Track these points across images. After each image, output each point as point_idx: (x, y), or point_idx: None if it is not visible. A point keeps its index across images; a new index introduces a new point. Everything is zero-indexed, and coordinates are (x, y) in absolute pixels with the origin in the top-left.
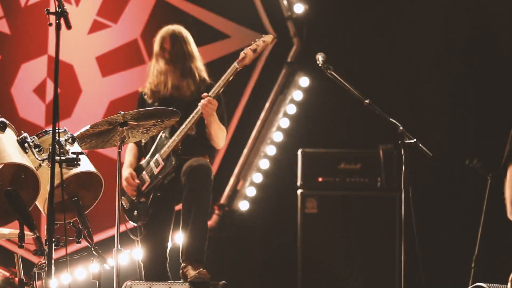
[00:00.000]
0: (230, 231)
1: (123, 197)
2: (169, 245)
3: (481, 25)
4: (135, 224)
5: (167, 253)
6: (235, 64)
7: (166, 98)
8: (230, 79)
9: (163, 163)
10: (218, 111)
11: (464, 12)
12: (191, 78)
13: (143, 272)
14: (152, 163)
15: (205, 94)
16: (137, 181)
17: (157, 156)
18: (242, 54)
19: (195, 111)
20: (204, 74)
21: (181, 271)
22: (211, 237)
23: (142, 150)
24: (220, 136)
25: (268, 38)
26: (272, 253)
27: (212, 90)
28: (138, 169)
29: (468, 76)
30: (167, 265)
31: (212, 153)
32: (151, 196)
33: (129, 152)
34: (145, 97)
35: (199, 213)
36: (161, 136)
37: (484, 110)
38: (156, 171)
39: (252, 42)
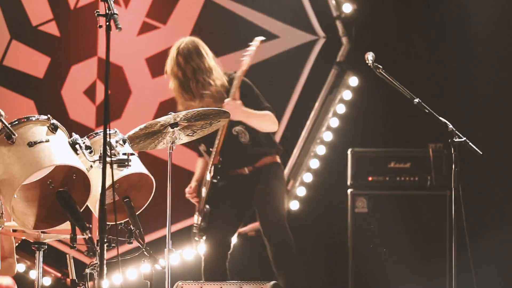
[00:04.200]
0: None
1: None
2: (233, 241)
3: None
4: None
5: (228, 253)
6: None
7: None
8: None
9: (209, 178)
10: (250, 96)
11: None
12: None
13: (202, 267)
14: (204, 182)
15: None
16: (191, 190)
17: (207, 173)
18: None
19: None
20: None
21: None
22: (259, 237)
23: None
24: (266, 123)
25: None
26: (323, 253)
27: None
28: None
29: None
30: (227, 264)
31: (272, 148)
32: (204, 212)
33: (197, 165)
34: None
35: (289, 264)
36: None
37: None
38: (215, 180)
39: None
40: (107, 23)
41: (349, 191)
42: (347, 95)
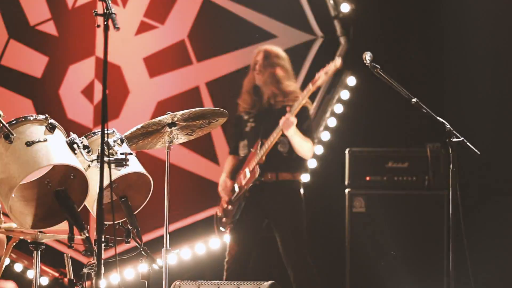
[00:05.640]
0: None
1: (217, 207)
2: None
3: None
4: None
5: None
6: (309, 86)
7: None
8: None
9: (249, 175)
10: (305, 121)
11: None
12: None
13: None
14: (241, 176)
15: (288, 108)
16: (230, 184)
17: (246, 169)
18: (316, 76)
19: (277, 128)
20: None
21: None
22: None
23: (239, 163)
24: (304, 149)
25: (338, 61)
26: (320, 252)
27: (294, 108)
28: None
29: None
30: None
31: (301, 168)
32: (238, 205)
33: (228, 163)
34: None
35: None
36: (249, 151)
37: None
38: (243, 182)
39: (326, 65)
40: (105, 23)
41: (346, 190)
42: (345, 94)
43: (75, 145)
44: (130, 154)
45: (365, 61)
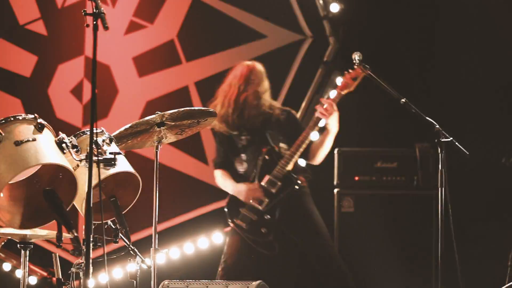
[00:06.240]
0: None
1: (236, 220)
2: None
3: None
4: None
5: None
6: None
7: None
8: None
9: (280, 183)
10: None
11: (506, 12)
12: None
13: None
14: (265, 185)
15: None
16: (256, 186)
17: (268, 177)
18: (341, 83)
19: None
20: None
21: None
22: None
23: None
24: (328, 149)
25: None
26: None
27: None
28: None
29: (505, 74)
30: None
31: (307, 174)
32: (277, 213)
33: (225, 177)
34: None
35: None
36: (264, 158)
37: None
38: (274, 190)
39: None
40: (94, 22)
41: (335, 190)
42: (333, 94)
43: (64, 145)
44: (119, 153)
45: (354, 61)
